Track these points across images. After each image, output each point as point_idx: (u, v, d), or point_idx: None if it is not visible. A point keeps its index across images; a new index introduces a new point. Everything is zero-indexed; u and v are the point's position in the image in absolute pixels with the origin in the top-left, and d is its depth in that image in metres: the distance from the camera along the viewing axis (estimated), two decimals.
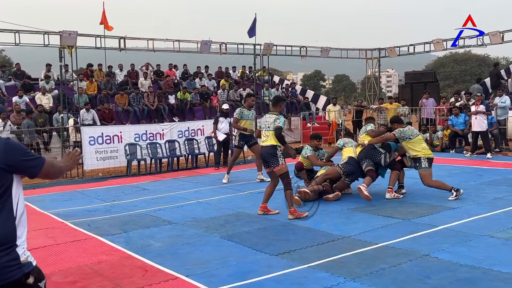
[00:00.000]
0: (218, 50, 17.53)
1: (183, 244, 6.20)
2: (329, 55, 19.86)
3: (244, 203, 8.67)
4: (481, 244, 5.62)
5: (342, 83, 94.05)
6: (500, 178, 10.05)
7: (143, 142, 13.63)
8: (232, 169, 13.34)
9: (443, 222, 6.68)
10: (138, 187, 10.93)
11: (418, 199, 8.28)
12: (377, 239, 5.99)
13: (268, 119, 7.56)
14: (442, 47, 18.87)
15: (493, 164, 12.13)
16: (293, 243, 6.00)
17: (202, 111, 19.20)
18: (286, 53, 18.78)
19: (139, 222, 7.48)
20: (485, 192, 8.64)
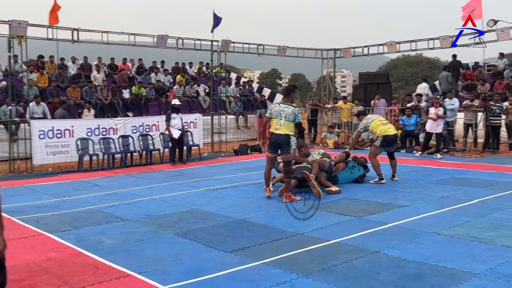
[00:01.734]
0: (175, 45, 17.30)
1: (136, 241, 6.11)
2: (286, 53, 19.99)
3: (199, 200, 8.63)
4: (428, 241, 5.82)
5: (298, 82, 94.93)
6: (447, 177, 10.42)
7: (95, 137, 13.32)
8: (187, 165, 13.30)
9: (393, 219, 6.86)
10: (90, 183, 10.69)
11: (369, 198, 8.48)
12: (329, 236, 6.10)
13: (285, 109, 8.21)
14: (395, 49, 19.36)
15: (441, 164, 12.56)
16: (247, 240, 6.02)
17: (157, 107, 18.95)
18: (243, 50, 18.77)
19: (90, 218, 7.32)
20: (433, 191, 8.94)
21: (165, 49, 17.42)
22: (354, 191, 9.05)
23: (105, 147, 13.22)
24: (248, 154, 15.89)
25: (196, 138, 15.31)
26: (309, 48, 21.21)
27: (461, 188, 9.04)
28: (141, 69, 21.19)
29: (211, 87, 18.53)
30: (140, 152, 13.93)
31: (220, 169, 12.69)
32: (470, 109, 15.54)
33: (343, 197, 8.57)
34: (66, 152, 12.93)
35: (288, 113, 8.20)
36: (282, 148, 8.27)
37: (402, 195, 8.67)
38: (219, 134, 17.39)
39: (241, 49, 18.60)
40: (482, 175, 10.61)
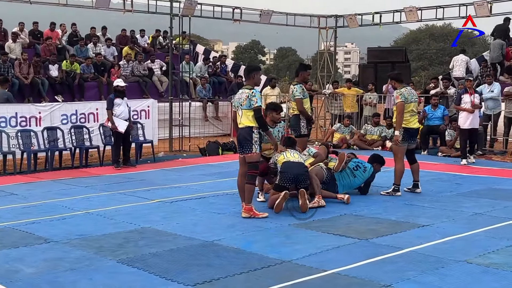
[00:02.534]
0: (121, 6, 17.23)
1: (65, 270, 6.08)
2: (271, 21, 20.08)
3: (151, 215, 8.63)
4: (456, 272, 5.91)
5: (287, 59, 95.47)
6: (482, 188, 10.62)
7: (11, 128, 13.20)
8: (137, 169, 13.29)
9: (409, 243, 6.95)
10: (3, 191, 10.63)
11: (379, 214, 8.58)
12: (325, 265, 6.15)
13: (241, 95, 8.29)
14: (416, 17, 19.56)
15: (474, 170, 12.76)
16: (216, 269, 6.04)
17: (96, 89, 18.91)
18: (214, 15, 18.78)
19: (2, 239, 7.27)
20: (463, 205, 9.09)
21: (108, 11, 17.35)
22: (359, 205, 9.14)
23: (25, 143, 13.12)
24: (219, 154, 15.91)
25: (148, 132, 15.28)
26: (302, 14, 21.35)
27: (499, 203, 9.22)
28: (75, 37, 21.08)
29: (169, 64, 18.49)
30: (72, 150, 13.86)
31: (181, 174, 12.70)
32: None
33: (345, 212, 8.66)
34: None
35: (242, 100, 8.28)
36: (242, 146, 8.35)
37: (422, 211, 8.81)
38: (180, 127, 17.36)
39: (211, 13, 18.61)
40: None
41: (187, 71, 20.65)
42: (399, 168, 10.02)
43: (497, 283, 5.59)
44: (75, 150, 13.91)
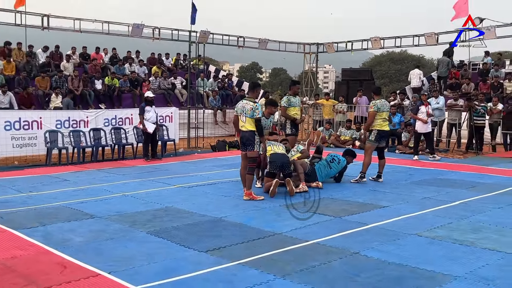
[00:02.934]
0: (151, 35, 17.18)
1: (106, 239, 6.07)
2: (267, 47, 20.04)
3: (174, 197, 8.60)
4: (408, 243, 5.91)
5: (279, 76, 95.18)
6: (430, 178, 10.59)
7: (65, 129, 13.13)
8: (162, 161, 13.24)
9: (373, 220, 6.95)
10: (58, 177, 10.55)
11: (350, 197, 8.57)
12: (308, 236, 6.15)
13: (246, 106, 8.38)
14: (380, 45, 19.58)
15: (423, 164, 12.74)
16: (223, 240, 6.03)
17: (131, 99, 18.81)
18: (223, 42, 18.75)
19: (58, 215, 7.24)
20: (415, 191, 9.07)
21: (141, 38, 17.30)
22: (334, 191, 9.13)
23: (75, 140, 13.05)
24: (226, 150, 15.88)
25: (171, 132, 15.23)
26: (291, 42, 21.30)
27: (443, 189, 9.20)
28: (115, 59, 20.98)
29: (188, 80, 18.43)
30: (112, 146, 13.80)
31: (196, 165, 12.65)
32: (454, 108, 15.79)
33: (323, 196, 8.63)
34: (33, 144, 12.73)
35: (247, 109, 8.38)
36: (245, 145, 8.46)
37: (383, 195, 8.78)
38: (196, 129, 17.32)
39: (220, 40, 18.58)
40: (465, 176, 10.81)
41: (202, 86, 20.58)
42: (367, 161, 10.04)
43: (441, 252, 5.59)
44: (114, 146, 13.84)
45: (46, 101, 15.85)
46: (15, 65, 17.20)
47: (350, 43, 20.16)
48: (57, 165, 12.34)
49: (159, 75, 20.54)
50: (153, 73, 20.67)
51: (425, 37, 17.63)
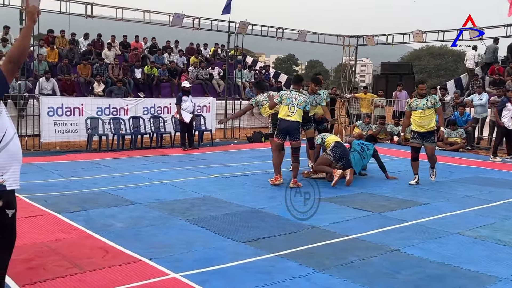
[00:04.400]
0: (191, 24, 17.22)
1: (146, 226, 6.16)
2: (306, 39, 19.86)
3: (211, 187, 8.66)
4: (450, 242, 5.79)
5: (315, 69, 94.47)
6: (471, 176, 10.34)
7: (105, 116, 13.37)
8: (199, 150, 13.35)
9: (413, 217, 6.84)
10: (99, 163, 10.76)
11: (388, 193, 8.45)
12: (347, 231, 6.09)
13: (299, 98, 8.72)
14: (422, 39, 19.12)
15: (464, 161, 12.45)
16: (261, 231, 6.04)
17: (169, 88, 18.97)
18: (262, 33, 18.65)
19: (99, 200, 7.38)
20: (456, 189, 8.88)
21: (180, 28, 17.37)
22: (373, 186, 9.01)
23: (115, 128, 13.28)
24: (261, 141, 15.87)
25: (208, 122, 15.32)
26: (330, 34, 21.02)
27: (485, 188, 8.97)
28: (154, 48, 21.19)
29: (226, 71, 18.46)
30: (150, 135, 13.98)
31: (232, 156, 12.70)
32: None
33: (361, 191, 8.55)
34: (75, 130, 13.01)
35: (300, 101, 8.72)
36: (291, 135, 8.71)
37: (423, 192, 8.62)
38: (232, 119, 17.36)
39: (259, 32, 18.49)
40: (507, 175, 10.51)
41: (239, 77, 20.62)
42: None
43: (484, 252, 5.47)
44: (152, 135, 14.01)
45: (90, 89, 16.16)
46: (58, 53, 17.58)
47: (391, 36, 19.79)
48: (97, 151, 12.59)
49: (197, 65, 20.65)
50: (192, 63, 20.80)
51: (469, 31, 17.14)
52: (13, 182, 3.46)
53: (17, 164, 3.51)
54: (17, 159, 3.50)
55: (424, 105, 9.20)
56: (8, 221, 3.51)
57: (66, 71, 16.40)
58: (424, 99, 9.25)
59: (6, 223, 3.50)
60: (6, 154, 3.39)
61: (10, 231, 3.59)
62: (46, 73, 15.15)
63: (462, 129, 14.74)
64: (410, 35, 19.23)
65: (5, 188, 3.36)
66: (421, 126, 9.22)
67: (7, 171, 3.40)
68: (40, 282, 4.35)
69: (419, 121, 9.25)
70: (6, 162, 3.39)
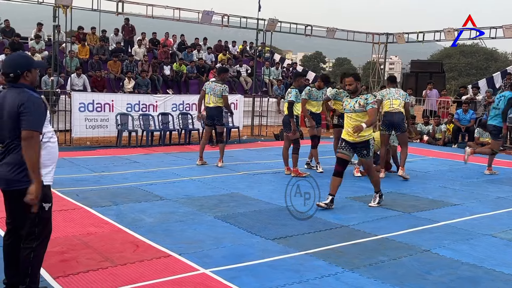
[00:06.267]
0: (220, 22, 17.26)
1: (176, 221, 6.21)
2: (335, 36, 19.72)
3: (239, 183, 8.68)
4: (483, 243, 5.68)
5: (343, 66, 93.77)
6: (503, 177, 10.11)
7: (135, 112, 13.53)
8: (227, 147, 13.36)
9: (444, 218, 6.73)
10: (129, 159, 10.89)
11: (418, 193, 8.33)
12: (376, 231, 6.04)
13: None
14: (453, 37, 18.78)
15: (496, 162, 12.13)
16: (289, 229, 6.03)
17: (197, 85, 19.01)
18: (290, 30, 18.58)
19: (129, 195, 7.48)
20: (488, 190, 8.70)
21: (209, 25, 17.43)
22: (402, 186, 8.91)
23: (145, 124, 13.42)
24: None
25: (236, 120, 15.34)
26: (360, 31, 20.81)
27: None
28: (183, 45, 21.34)
29: (254, 68, 18.47)
30: (179, 131, 14.08)
31: (260, 153, 12.70)
32: None
33: (390, 191, 8.43)
34: (105, 126, 13.20)
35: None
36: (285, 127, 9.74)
37: (453, 192, 8.48)
38: (259, 117, 17.37)
39: (287, 29, 18.42)
40: None
41: (267, 74, 20.60)
42: None
43: None
44: (181, 131, 14.11)
45: (120, 85, 16.36)
46: (89, 49, 17.85)
47: (422, 34, 19.47)
48: (127, 147, 12.73)
49: (225, 63, 20.70)
50: (220, 60, 20.86)
51: (503, 29, 16.73)
52: (50, 179, 3.72)
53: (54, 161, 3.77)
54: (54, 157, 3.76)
55: (352, 107, 7.09)
56: (45, 214, 3.66)
57: (97, 68, 16.64)
58: (353, 99, 7.13)
59: (43, 216, 3.66)
60: (45, 151, 3.61)
61: (46, 223, 3.74)
62: (77, 69, 15.39)
63: None
64: (441, 33, 18.90)
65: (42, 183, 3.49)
66: (350, 133, 7.09)
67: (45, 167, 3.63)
68: (73, 274, 4.43)
69: (347, 127, 7.21)
70: (45, 159, 3.59)
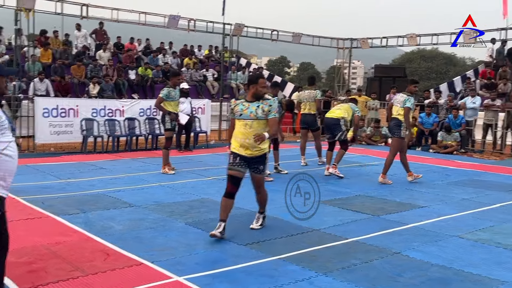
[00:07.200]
0: (186, 26, 17.21)
1: (146, 228, 6.12)
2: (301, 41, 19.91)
3: (209, 189, 8.62)
4: (450, 245, 5.80)
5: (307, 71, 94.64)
6: (466, 179, 10.37)
7: (101, 118, 13.31)
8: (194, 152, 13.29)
9: (412, 220, 6.85)
10: (95, 165, 10.69)
11: (386, 196, 8.45)
12: (347, 234, 6.09)
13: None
14: (416, 42, 19.25)
15: (459, 164, 12.50)
16: (262, 233, 6.03)
17: None
18: (257, 35, 18.68)
19: (97, 202, 7.33)
20: (452, 192, 8.90)
21: (175, 30, 17.33)
22: (370, 188, 9.02)
23: (111, 129, 13.21)
24: None
25: (203, 124, 15.29)
26: (325, 37, 21.09)
27: (481, 191, 8.99)
28: (148, 49, 21.11)
29: (221, 72, 18.43)
30: (146, 136, 13.91)
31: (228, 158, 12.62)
32: (491, 109, 15.44)
33: (358, 194, 8.55)
34: (69, 132, 12.94)
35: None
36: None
37: (420, 195, 8.64)
38: (227, 121, 17.32)
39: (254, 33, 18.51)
40: (503, 178, 10.56)
41: (233, 79, 20.59)
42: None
43: (485, 255, 5.48)
44: (148, 136, 13.96)
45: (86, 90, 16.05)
46: (51, 53, 17.45)
47: (385, 39, 19.87)
48: (92, 153, 12.50)
49: (191, 67, 20.59)
50: (185, 65, 20.72)
51: (464, 35, 17.25)
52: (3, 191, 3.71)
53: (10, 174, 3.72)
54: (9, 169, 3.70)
55: (253, 112, 5.83)
56: None
57: (60, 72, 16.28)
58: (253, 103, 5.88)
59: None
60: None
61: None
62: (40, 74, 15.02)
63: (457, 132, 14.81)
64: (404, 38, 19.33)
65: None
66: (245, 145, 5.92)
67: None
68: (42, 285, 4.30)
69: (241, 137, 5.93)
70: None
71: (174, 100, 10.13)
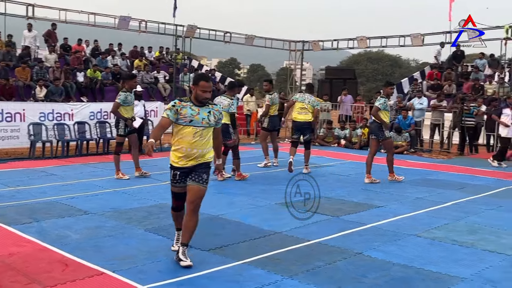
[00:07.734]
0: (137, 27, 16.91)
1: (105, 236, 5.95)
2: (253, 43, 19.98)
3: (166, 193, 8.33)
4: (409, 244, 5.95)
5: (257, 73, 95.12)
6: (419, 178, 10.67)
7: (49, 122, 12.86)
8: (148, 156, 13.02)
9: (370, 220, 6.98)
10: (45, 171, 10.32)
11: (343, 196, 8.58)
12: (309, 236, 6.13)
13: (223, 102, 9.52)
14: (366, 44, 19.69)
15: (410, 164, 12.84)
16: (224, 238, 5.98)
17: (114, 92, 18.32)
18: (209, 37, 18.59)
19: (50, 210, 7.07)
20: (407, 191, 9.13)
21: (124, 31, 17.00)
22: (327, 189, 9.10)
23: (60, 134, 12.79)
24: None
25: None
26: (277, 39, 21.24)
27: (434, 190, 9.28)
28: (96, 51, 20.61)
29: (174, 74, 18.22)
30: (97, 140, 13.56)
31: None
32: (438, 109, 15.98)
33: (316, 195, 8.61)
34: (16, 137, 12.44)
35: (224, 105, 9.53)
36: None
37: (376, 195, 8.82)
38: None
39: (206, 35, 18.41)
40: (453, 177, 10.94)
41: (185, 81, 20.41)
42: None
43: (442, 253, 5.64)
44: (99, 140, 13.61)
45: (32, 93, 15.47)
46: None
47: (336, 41, 20.22)
48: (41, 159, 12.06)
49: (141, 69, 20.26)
50: (136, 67, 20.36)
51: (412, 37, 17.80)
52: None
53: None
54: None
55: (205, 119, 5.13)
56: None
57: (4, 75, 15.62)
58: (204, 109, 5.15)
59: None
60: None
61: None
62: None
63: (406, 132, 15.22)
64: (354, 41, 19.73)
65: None
66: (190, 156, 5.21)
67: None
68: None
69: (187, 147, 5.19)
70: None
71: (129, 105, 9.90)
